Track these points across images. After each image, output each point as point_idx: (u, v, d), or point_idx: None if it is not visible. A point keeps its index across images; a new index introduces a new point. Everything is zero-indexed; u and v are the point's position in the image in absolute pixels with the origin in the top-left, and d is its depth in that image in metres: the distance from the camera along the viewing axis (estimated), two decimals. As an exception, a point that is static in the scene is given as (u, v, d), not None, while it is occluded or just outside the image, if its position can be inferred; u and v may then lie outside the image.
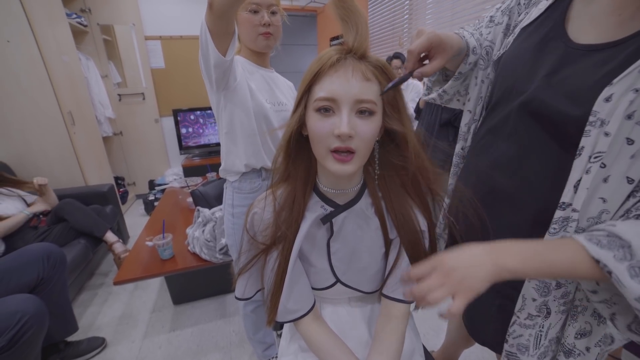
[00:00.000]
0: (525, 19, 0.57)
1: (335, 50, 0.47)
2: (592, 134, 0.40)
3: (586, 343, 0.49)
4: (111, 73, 3.01)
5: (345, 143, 0.45)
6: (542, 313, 0.51)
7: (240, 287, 0.63)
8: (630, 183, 0.39)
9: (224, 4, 0.63)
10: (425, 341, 1.40)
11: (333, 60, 0.45)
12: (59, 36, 2.13)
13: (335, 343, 0.58)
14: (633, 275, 0.35)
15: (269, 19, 0.85)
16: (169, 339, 1.47)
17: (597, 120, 0.40)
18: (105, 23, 2.87)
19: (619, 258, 0.36)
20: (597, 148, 0.40)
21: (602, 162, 0.40)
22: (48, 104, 1.96)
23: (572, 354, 0.50)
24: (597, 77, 0.42)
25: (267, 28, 0.86)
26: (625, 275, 0.36)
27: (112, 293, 1.81)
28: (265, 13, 0.84)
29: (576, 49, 0.46)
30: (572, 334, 0.50)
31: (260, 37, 0.87)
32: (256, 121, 0.89)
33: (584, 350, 0.50)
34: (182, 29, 3.15)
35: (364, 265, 0.60)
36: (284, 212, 0.56)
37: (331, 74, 0.46)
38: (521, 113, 0.52)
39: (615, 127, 0.38)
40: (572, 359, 0.50)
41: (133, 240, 2.32)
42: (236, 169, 0.94)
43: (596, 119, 0.40)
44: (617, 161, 0.39)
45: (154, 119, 3.23)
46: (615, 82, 0.39)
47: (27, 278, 1.15)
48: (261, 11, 0.84)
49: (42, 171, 2.05)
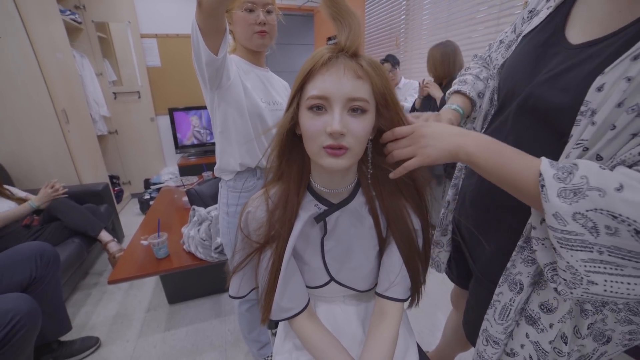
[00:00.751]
0: (527, 28, 0.58)
1: (327, 49, 0.47)
2: (581, 124, 0.41)
3: (550, 319, 0.49)
4: (106, 71, 2.99)
5: (338, 141, 0.46)
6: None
7: (234, 286, 0.63)
8: (599, 160, 0.40)
9: (212, 1, 0.63)
10: (420, 340, 1.41)
11: (325, 59, 0.46)
12: (52, 33, 2.11)
13: (330, 341, 0.58)
14: (561, 195, 0.36)
15: (265, 18, 0.85)
16: (164, 338, 1.46)
17: (588, 110, 0.40)
18: (100, 20, 2.85)
19: (558, 178, 0.37)
20: (583, 136, 0.41)
21: (584, 146, 0.41)
22: (41, 101, 1.94)
23: (536, 324, 0.50)
24: (591, 68, 0.42)
25: (263, 27, 0.86)
26: (554, 192, 0.37)
27: (107, 292, 1.80)
28: (260, 12, 0.85)
29: (574, 49, 0.47)
30: (537, 302, 0.50)
31: (256, 35, 0.87)
32: (251, 120, 0.89)
33: (547, 327, 0.49)
34: (178, 27, 3.13)
35: (357, 263, 0.60)
36: (278, 211, 0.56)
37: (323, 72, 0.46)
38: (518, 112, 0.53)
39: (604, 115, 0.38)
40: (533, 328, 0.51)
41: (128, 239, 2.31)
42: (231, 168, 0.94)
43: (587, 109, 0.40)
44: (597, 144, 0.40)
45: (150, 118, 3.21)
46: (607, 70, 0.39)
47: (20, 277, 1.14)
48: (257, 10, 0.85)
49: (35, 169, 2.03)
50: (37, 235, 1.59)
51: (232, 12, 0.86)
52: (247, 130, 0.90)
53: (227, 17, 0.86)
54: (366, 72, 0.46)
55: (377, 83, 0.47)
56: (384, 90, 0.48)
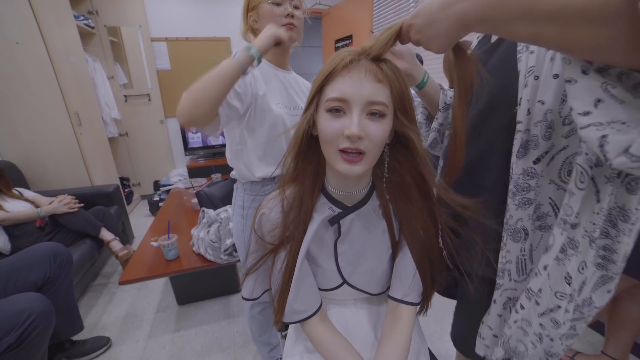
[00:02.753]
0: None
1: (348, 52, 0.47)
2: (529, 84, 0.44)
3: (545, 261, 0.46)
4: (117, 74, 3.04)
5: (355, 144, 0.45)
6: None
7: (247, 288, 0.63)
8: None
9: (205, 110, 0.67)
10: (430, 343, 1.39)
11: (346, 62, 0.46)
12: (66, 38, 2.16)
13: (342, 344, 0.58)
14: None
15: (292, 11, 0.83)
16: (173, 339, 1.47)
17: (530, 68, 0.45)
18: (112, 25, 2.90)
19: None
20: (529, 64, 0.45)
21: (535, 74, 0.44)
22: (55, 104, 1.98)
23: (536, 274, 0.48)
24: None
25: (291, 19, 0.83)
26: None
27: (117, 293, 1.82)
28: (288, 5, 0.83)
29: None
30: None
31: (283, 27, 0.83)
32: (273, 135, 0.86)
33: (541, 269, 0.47)
34: (188, 30, 3.17)
35: (370, 266, 0.60)
36: (292, 213, 0.56)
37: (343, 75, 0.46)
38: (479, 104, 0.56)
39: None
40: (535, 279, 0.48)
41: (138, 240, 2.33)
42: (247, 179, 0.92)
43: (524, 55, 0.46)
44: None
45: (159, 120, 3.25)
46: None
47: (34, 277, 1.16)
48: (284, 3, 0.83)
49: (49, 171, 2.07)
50: (51, 236, 1.62)
51: (258, 7, 0.84)
52: (266, 146, 0.87)
53: (254, 15, 0.85)
54: (387, 76, 0.46)
55: (396, 87, 0.47)
56: (404, 94, 0.48)
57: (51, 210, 1.63)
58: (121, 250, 1.78)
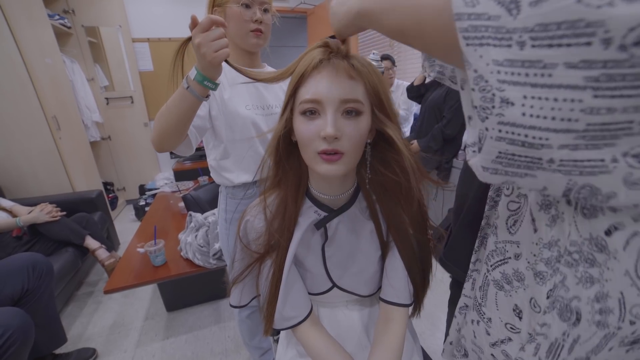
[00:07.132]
0: None
1: (318, 52, 0.46)
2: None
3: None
4: (98, 76, 2.94)
5: (332, 145, 0.44)
6: None
7: (235, 296, 0.62)
8: None
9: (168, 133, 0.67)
10: (422, 340, 1.40)
11: (316, 62, 0.44)
12: (41, 38, 2.07)
13: (335, 348, 0.57)
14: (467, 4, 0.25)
15: (261, 16, 0.81)
16: (162, 347, 1.43)
17: None
18: (90, 25, 2.80)
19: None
20: None
21: None
22: (31, 107, 1.90)
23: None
24: None
25: (259, 25, 0.81)
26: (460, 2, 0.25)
27: (102, 302, 1.76)
28: (257, 9, 0.80)
29: None
30: None
31: (251, 34, 0.81)
32: (247, 141, 0.85)
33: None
34: (170, 31, 3.09)
35: (360, 269, 0.59)
36: (277, 220, 0.55)
37: (315, 75, 0.45)
38: None
39: None
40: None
41: (124, 246, 2.27)
42: (228, 184, 0.92)
43: None
44: None
45: (144, 123, 3.17)
46: None
47: (10, 290, 1.11)
48: (253, 6, 0.80)
49: (26, 177, 1.99)
50: (29, 246, 1.55)
51: (225, 6, 0.80)
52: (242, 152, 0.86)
53: (219, 13, 0.81)
54: (359, 72, 0.45)
55: (371, 82, 0.46)
56: (378, 89, 0.46)
57: (31, 219, 1.56)
58: (107, 258, 1.72)
